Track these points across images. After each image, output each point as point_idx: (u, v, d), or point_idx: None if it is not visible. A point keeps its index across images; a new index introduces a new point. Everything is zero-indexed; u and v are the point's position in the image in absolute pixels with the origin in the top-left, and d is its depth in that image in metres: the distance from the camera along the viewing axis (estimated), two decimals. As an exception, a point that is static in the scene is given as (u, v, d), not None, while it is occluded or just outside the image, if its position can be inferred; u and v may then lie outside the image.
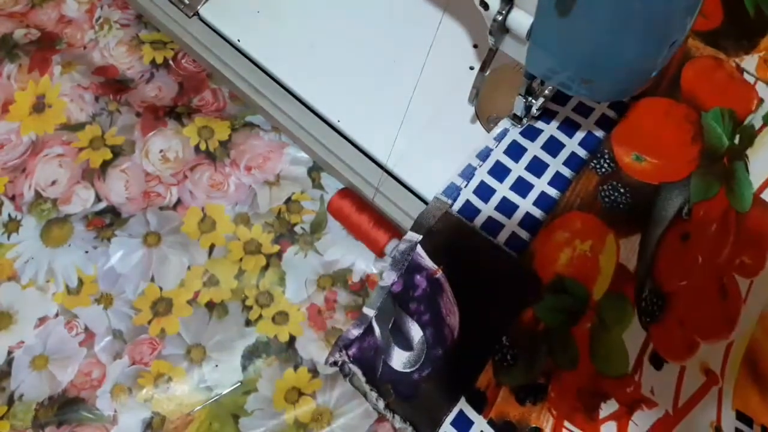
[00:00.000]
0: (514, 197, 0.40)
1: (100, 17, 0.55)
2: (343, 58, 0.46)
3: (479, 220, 0.40)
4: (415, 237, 0.40)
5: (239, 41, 0.48)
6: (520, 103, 0.39)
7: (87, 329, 0.45)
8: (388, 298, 0.40)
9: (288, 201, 0.48)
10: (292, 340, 0.45)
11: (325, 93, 0.45)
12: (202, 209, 0.48)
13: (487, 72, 0.36)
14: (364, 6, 0.48)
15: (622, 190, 0.41)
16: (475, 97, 0.38)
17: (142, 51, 0.54)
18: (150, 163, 0.50)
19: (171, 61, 0.53)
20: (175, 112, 0.51)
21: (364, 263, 0.46)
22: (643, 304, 0.38)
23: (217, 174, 0.49)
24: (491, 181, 0.40)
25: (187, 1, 0.49)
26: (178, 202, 0.49)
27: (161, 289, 0.46)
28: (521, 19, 0.30)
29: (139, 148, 0.50)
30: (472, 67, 0.45)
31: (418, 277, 0.39)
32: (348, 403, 0.43)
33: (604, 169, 0.41)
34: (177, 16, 0.50)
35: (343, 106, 0.45)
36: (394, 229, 0.44)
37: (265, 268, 0.46)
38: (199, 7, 0.49)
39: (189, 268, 0.47)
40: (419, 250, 0.39)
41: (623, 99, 0.42)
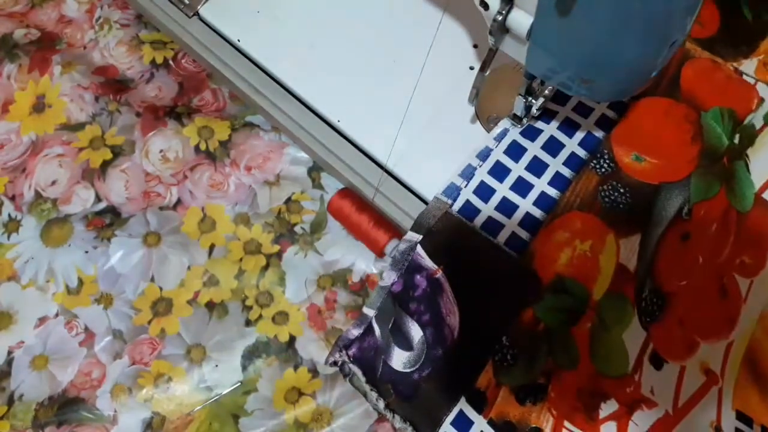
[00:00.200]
0: (514, 197, 0.40)
1: (100, 17, 0.55)
2: (343, 58, 0.46)
3: (479, 220, 0.40)
4: (415, 237, 0.40)
5: (239, 41, 0.48)
6: (520, 103, 0.39)
7: (87, 329, 0.45)
8: (388, 298, 0.40)
9: (288, 201, 0.48)
10: (292, 340, 0.45)
11: (325, 93, 0.45)
12: (202, 209, 0.48)
13: (487, 72, 0.36)
14: (364, 6, 0.48)
15: (622, 190, 0.41)
16: (475, 97, 0.38)
17: (142, 51, 0.54)
18: (150, 163, 0.50)
19: (171, 61, 0.54)
20: (175, 112, 0.51)
21: (364, 263, 0.46)
22: (643, 304, 0.38)
23: (217, 174, 0.49)
24: (491, 181, 0.41)
25: (187, 1, 0.49)
26: (178, 202, 0.49)
27: (161, 289, 0.46)
28: (521, 19, 0.30)
29: (139, 148, 0.50)
30: (472, 67, 0.45)
31: (418, 277, 0.39)
32: (348, 403, 0.43)
33: (603, 169, 0.41)
34: (177, 16, 0.50)
35: (343, 106, 0.45)
36: (394, 229, 0.44)
37: (265, 268, 0.46)
38: (199, 7, 0.49)
39: (189, 268, 0.47)
40: (419, 250, 0.39)
41: (623, 99, 0.42)
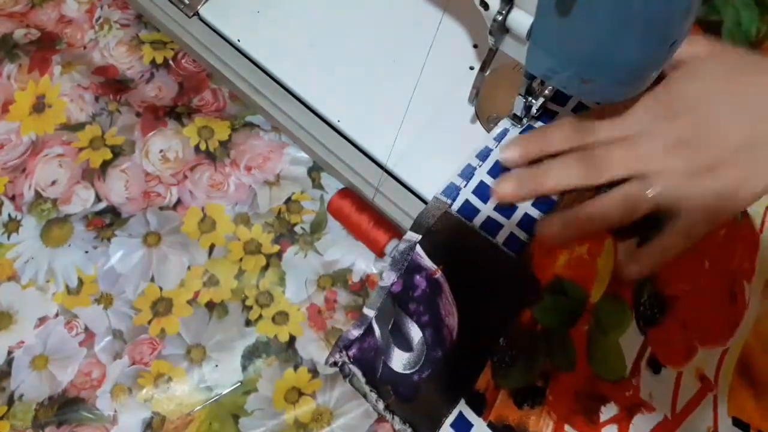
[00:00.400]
0: None
1: (100, 17, 0.55)
2: (343, 58, 0.46)
3: (478, 219, 0.40)
4: (414, 237, 0.39)
5: (239, 41, 0.48)
6: (520, 103, 0.39)
7: (87, 329, 0.45)
8: (388, 298, 0.40)
9: (288, 201, 0.48)
10: (292, 340, 0.45)
11: (325, 93, 0.45)
12: (202, 209, 0.48)
13: (487, 72, 0.36)
14: (364, 6, 0.48)
15: None
16: (475, 97, 0.38)
17: (142, 51, 0.54)
18: (150, 163, 0.50)
19: (171, 61, 0.54)
20: (175, 112, 0.51)
21: (364, 263, 0.46)
22: (641, 308, 0.38)
23: (217, 174, 0.49)
24: (491, 181, 0.40)
25: (187, 1, 0.49)
26: (178, 202, 0.49)
27: (161, 289, 0.46)
28: (521, 19, 0.30)
29: (139, 148, 0.50)
30: (472, 67, 0.45)
31: (417, 277, 0.39)
32: (348, 403, 0.43)
33: None
34: (177, 16, 0.50)
35: (343, 106, 0.45)
36: (394, 229, 0.44)
37: (265, 268, 0.46)
38: (199, 7, 0.49)
39: (189, 268, 0.47)
40: (418, 249, 0.39)
41: (623, 99, 0.41)
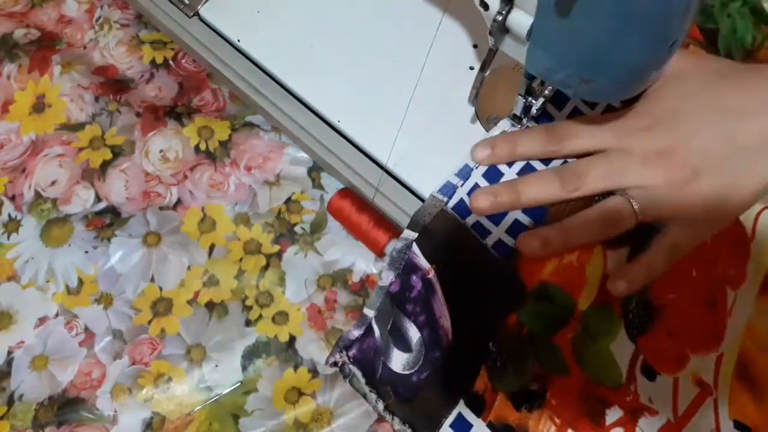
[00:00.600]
0: None
1: (100, 17, 0.55)
2: (343, 58, 0.46)
3: (470, 220, 0.40)
4: (411, 235, 0.39)
5: (239, 41, 0.48)
6: (519, 103, 0.39)
7: (87, 329, 0.45)
8: (387, 298, 0.40)
9: (288, 201, 0.48)
10: (292, 340, 0.45)
11: (325, 93, 0.45)
12: (202, 209, 0.48)
13: (487, 72, 0.36)
14: (364, 6, 0.48)
15: None
16: (475, 98, 0.38)
17: (142, 51, 0.54)
18: (150, 163, 0.50)
19: (171, 61, 0.53)
20: (175, 112, 0.51)
21: (364, 263, 0.46)
22: (630, 316, 0.38)
23: (217, 174, 0.49)
24: (484, 184, 0.40)
25: (187, 1, 0.49)
26: (178, 202, 0.49)
27: (161, 289, 0.46)
28: (521, 19, 0.30)
29: (139, 148, 0.50)
30: (472, 67, 0.45)
31: (414, 277, 0.39)
32: (348, 403, 0.43)
33: None
34: (177, 16, 0.50)
35: (343, 106, 0.45)
36: (394, 229, 0.44)
37: (265, 268, 0.46)
38: (199, 7, 0.49)
39: (189, 268, 0.47)
40: (414, 248, 0.39)
41: (623, 99, 0.41)
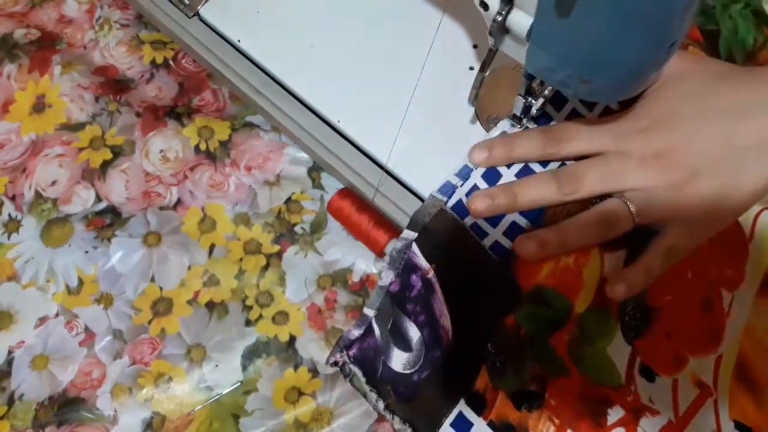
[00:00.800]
0: None
1: (100, 17, 0.55)
2: (343, 58, 0.46)
3: (469, 221, 0.40)
4: (411, 235, 0.39)
5: (239, 41, 0.48)
6: (519, 103, 0.39)
7: (87, 329, 0.45)
8: (387, 298, 0.40)
9: (288, 201, 0.48)
10: (292, 340, 0.45)
11: (325, 93, 0.45)
12: (202, 209, 0.48)
13: (487, 72, 0.36)
14: (364, 6, 0.48)
15: None
16: (474, 98, 0.38)
17: (142, 51, 0.54)
18: (150, 163, 0.50)
19: (171, 61, 0.54)
20: (176, 112, 0.51)
21: (364, 263, 0.46)
22: (626, 319, 0.38)
23: (217, 174, 0.49)
24: (483, 185, 0.40)
25: (187, 2, 0.49)
26: (178, 202, 0.49)
27: (161, 289, 0.46)
28: (521, 19, 0.30)
29: (140, 148, 0.50)
30: (472, 68, 0.45)
31: (413, 277, 0.39)
32: (348, 403, 0.43)
33: None
34: (177, 16, 0.50)
35: (343, 106, 0.45)
36: (394, 229, 0.44)
37: (265, 268, 0.47)
38: (199, 8, 0.49)
39: (189, 268, 0.47)
40: (414, 248, 0.39)
41: (623, 99, 0.42)
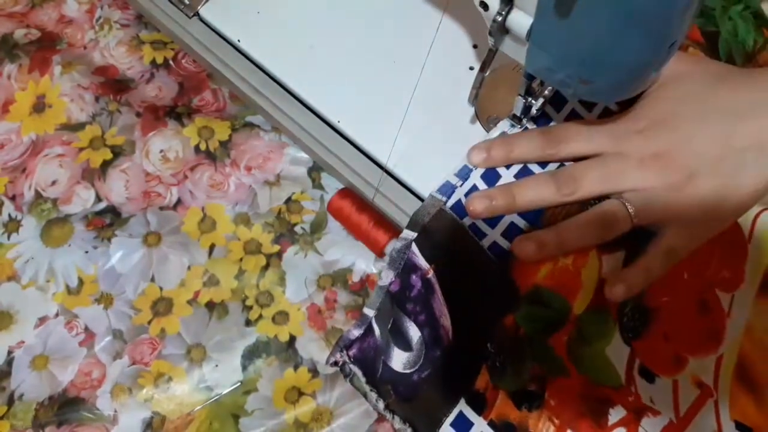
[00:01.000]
0: None
1: (100, 17, 0.55)
2: (343, 59, 0.46)
3: (467, 221, 0.39)
4: (410, 235, 0.39)
5: (239, 42, 0.48)
6: (519, 103, 0.39)
7: (87, 329, 0.45)
8: (387, 298, 0.40)
9: (288, 201, 0.48)
10: (292, 340, 0.45)
11: (325, 93, 0.45)
12: (202, 209, 0.48)
13: (487, 72, 0.36)
14: (364, 6, 0.48)
15: None
16: (474, 98, 0.38)
17: (142, 51, 0.54)
18: (150, 163, 0.50)
19: (171, 61, 0.54)
20: (176, 112, 0.51)
21: (364, 263, 0.46)
22: (624, 320, 0.38)
23: (218, 174, 0.49)
24: (482, 185, 0.40)
25: (187, 2, 0.49)
26: (178, 202, 0.49)
27: (161, 288, 0.46)
28: (521, 19, 0.30)
29: (140, 148, 0.50)
30: (472, 68, 0.45)
31: (413, 276, 0.39)
32: (348, 403, 0.43)
33: None
34: (177, 16, 0.50)
35: (343, 106, 0.45)
36: (394, 229, 0.44)
37: (265, 268, 0.47)
38: (199, 8, 0.49)
39: (189, 268, 0.47)
40: (414, 248, 0.39)
41: (622, 99, 0.42)
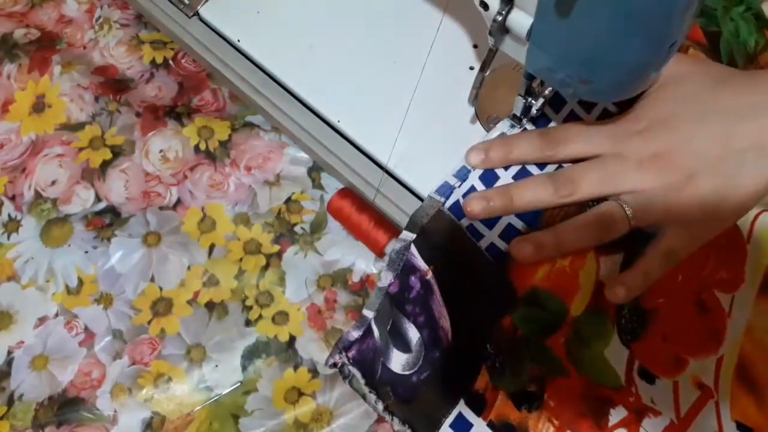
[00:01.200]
0: None
1: (100, 17, 0.55)
2: (343, 58, 0.46)
3: (465, 222, 0.39)
4: (409, 236, 0.39)
5: (239, 41, 0.48)
6: (519, 103, 0.39)
7: (87, 329, 0.45)
8: (386, 299, 0.40)
9: (288, 201, 0.48)
10: (292, 340, 0.45)
11: (325, 93, 0.45)
12: (202, 209, 0.48)
13: (487, 72, 0.36)
14: (364, 6, 0.48)
15: None
16: (474, 98, 0.38)
17: (142, 51, 0.54)
18: (150, 163, 0.50)
19: (171, 61, 0.53)
20: (175, 112, 0.51)
21: (364, 263, 0.46)
22: (623, 321, 0.38)
23: (217, 174, 0.49)
24: (480, 186, 0.40)
25: (187, 1, 0.49)
26: (178, 202, 0.49)
27: (161, 289, 0.46)
28: (521, 19, 0.30)
29: (139, 148, 0.50)
30: (472, 68, 0.45)
31: (412, 278, 0.39)
32: (348, 404, 0.43)
33: None
34: (177, 16, 0.50)
35: (343, 106, 0.45)
36: (394, 229, 0.44)
37: (265, 268, 0.46)
38: (199, 7, 0.49)
39: (189, 268, 0.47)
40: (413, 249, 0.39)
41: (622, 99, 0.41)
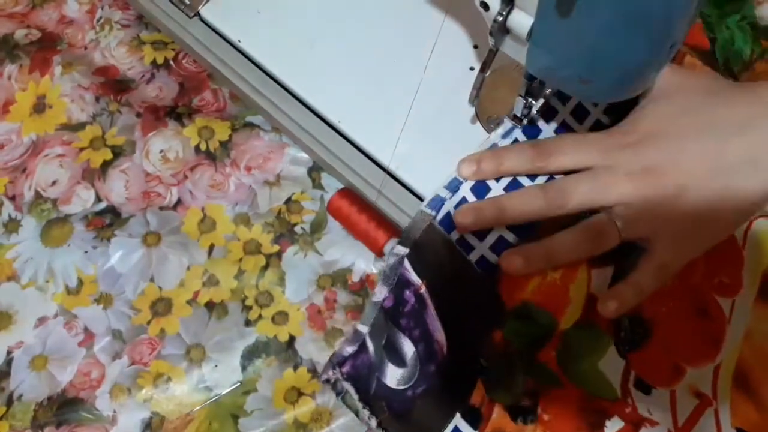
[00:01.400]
0: None
1: (101, 18, 0.55)
2: (343, 59, 0.46)
3: (455, 235, 0.39)
4: (402, 251, 0.39)
5: (240, 42, 0.48)
6: (520, 103, 0.39)
7: (86, 329, 0.45)
8: (380, 314, 0.39)
9: (288, 201, 0.48)
10: (292, 340, 0.45)
11: (326, 93, 0.45)
12: (202, 209, 0.48)
13: (488, 73, 0.36)
14: (364, 6, 0.48)
15: None
16: (475, 98, 0.38)
17: (142, 51, 0.54)
18: (150, 163, 0.50)
19: (172, 62, 0.54)
20: (176, 113, 0.51)
21: (364, 263, 0.46)
22: (622, 334, 0.38)
23: (218, 174, 0.49)
24: (471, 198, 0.39)
25: (187, 2, 0.50)
26: (178, 202, 0.49)
27: (161, 289, 0.46)
28: (521, 20, 0.30)
29: (140, 148, 0.50)
30: (473, 68, 0.45)
31: (407, 292, 0.39)
32: (347, 404, 0.43)
33: None
34: (178, 16, 0.50)
35: (344, 107, 0.45)
36: (393, 228, 0.44)
37: (265, 268, 0.46)
38: (199, 8, 0.49)
39: (189, 268, 0.47)
40: (406, 263, 0.39)
41: (622, 99, 0.41)
